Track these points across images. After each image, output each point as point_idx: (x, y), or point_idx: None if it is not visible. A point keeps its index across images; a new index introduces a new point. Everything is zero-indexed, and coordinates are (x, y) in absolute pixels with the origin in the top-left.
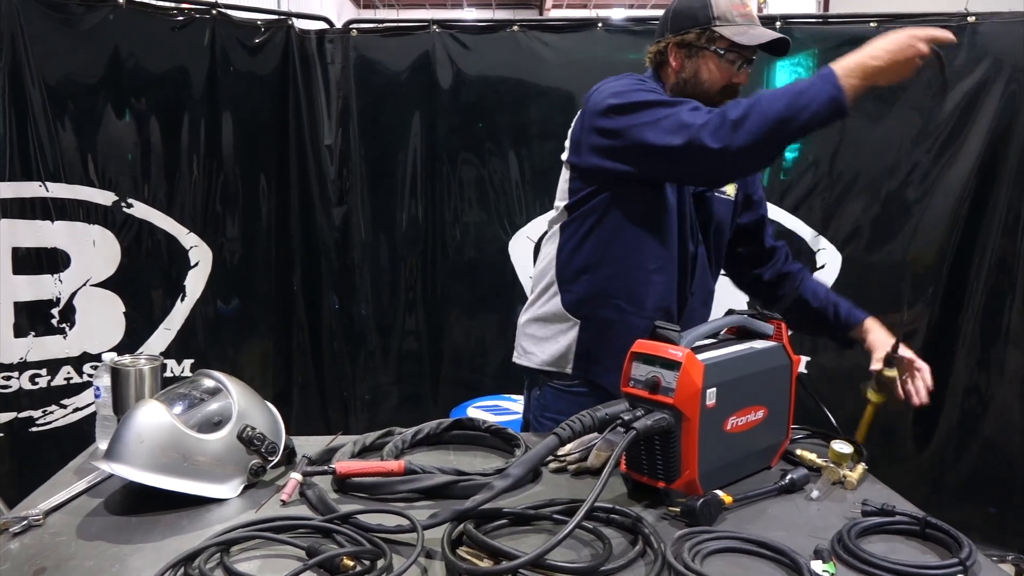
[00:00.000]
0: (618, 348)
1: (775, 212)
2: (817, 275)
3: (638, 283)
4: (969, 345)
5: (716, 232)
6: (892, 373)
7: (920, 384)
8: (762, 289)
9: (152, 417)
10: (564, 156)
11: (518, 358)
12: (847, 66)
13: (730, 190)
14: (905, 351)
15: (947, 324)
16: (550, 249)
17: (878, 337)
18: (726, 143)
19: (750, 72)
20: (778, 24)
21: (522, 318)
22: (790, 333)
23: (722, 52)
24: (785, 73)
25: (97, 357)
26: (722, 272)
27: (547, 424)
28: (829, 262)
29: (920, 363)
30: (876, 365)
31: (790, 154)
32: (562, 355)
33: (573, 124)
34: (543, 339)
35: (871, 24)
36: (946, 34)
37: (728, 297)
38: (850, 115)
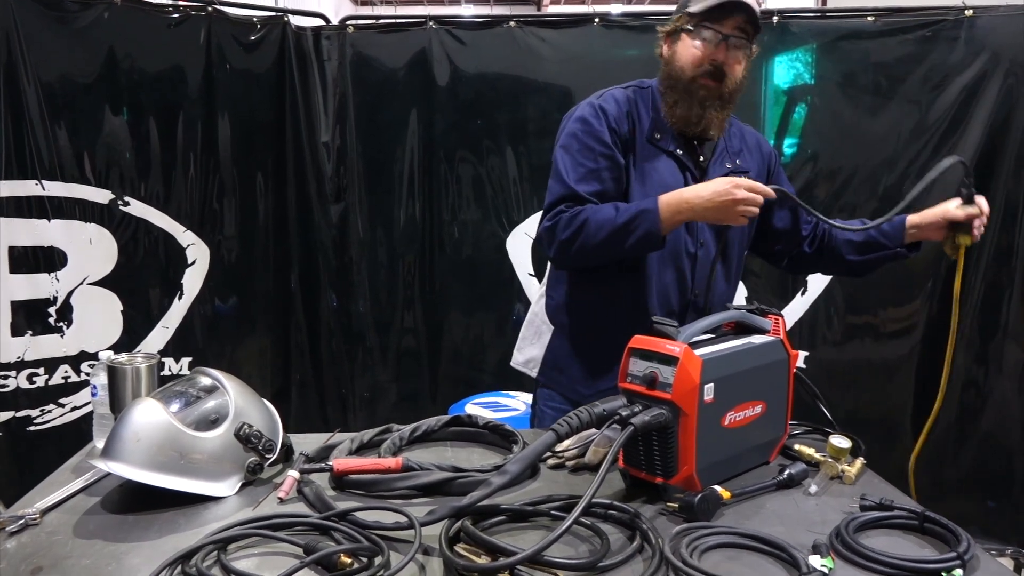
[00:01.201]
0: (583, 359)
1: None
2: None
3: (610, 298)
4: (967, 340)
5: (734, 230)
6: (966, 239)
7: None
8: (811, 261)
9: (149, 415)
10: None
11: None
12: (670, 203)
13: None
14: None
15: (945, 319)
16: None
17: (928, 214)
18: (557, 256)
19: (744, 62)
20: (775, 19)
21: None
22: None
23: (691, 28)
24: (784, 68)
25: (95, 356)
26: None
27: (552, 415)
28: None
29: (980, 200)
30: (957, 213)
31: (788, 149)
32: (533, 358)
33: None
34: (526, 338)
35: (868, 18)
36: (767, 190)
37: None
38: (663, 248)
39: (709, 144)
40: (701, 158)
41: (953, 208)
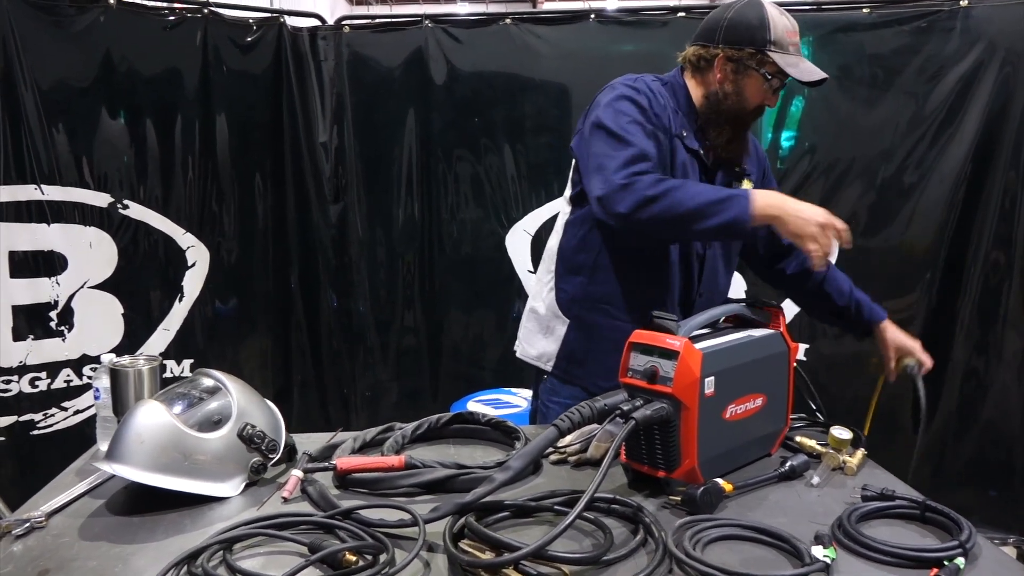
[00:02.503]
0: (602, 352)
1: None
2: None
3: (629, 292)
4: (967, 329)
5: None
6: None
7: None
8: (786, 282)
9: (152, 417)
10: (573, 143)
11: (516, 347)
12: (766, 197)
13: (747, 186)
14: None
15: (945, 309)
16: (554, 243)
17: (894, 337)
18: (631, 212)
19: None
20: None
21: (526, 308)
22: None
23: (769, 77)
24: None
25: (96, 359)
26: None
27: (556, 410)
28: None
29: (926, 361)
30: (891, 365)
31: (786, 142)
32: (546, 352)
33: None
34: (533, 332)
35: (864, 10)
36: (845, 236)
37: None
38: (748, 239)
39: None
40: (709, 160)
41: (888, 358)
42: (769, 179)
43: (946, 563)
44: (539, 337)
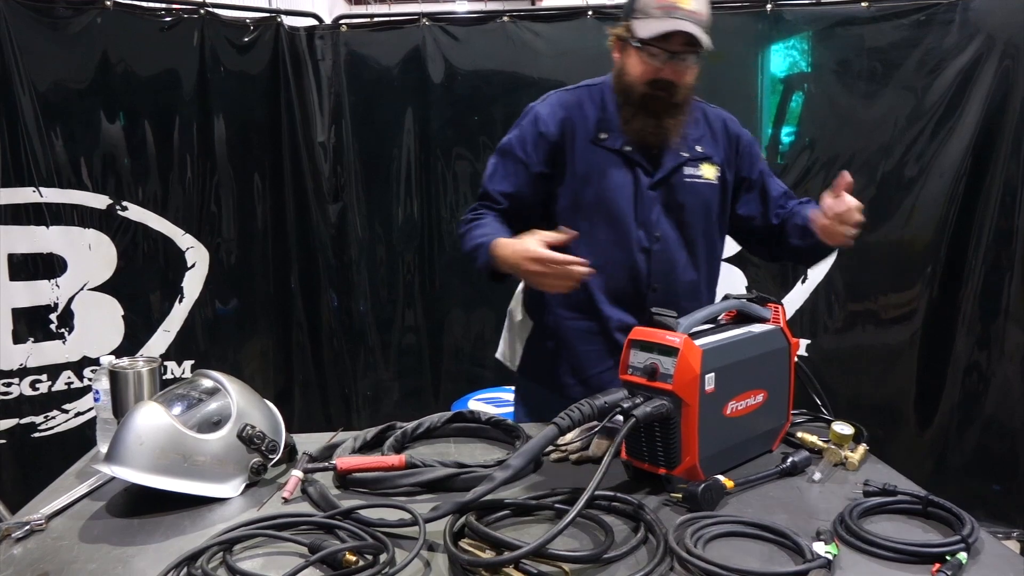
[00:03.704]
0: (556, 354)
1: None
2: None
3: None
4: (969, 323)
5: (696, 217)
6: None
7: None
8: (782, 245)
9: (151, 419)
10: None
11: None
12: (499, 251)
13: (709, 173)
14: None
15: (946, 302)
16: None
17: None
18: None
19: (694, 68)
20: (769, 7)
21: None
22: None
23: (638, 46)
24: (779, 57)
25: (97, 361)
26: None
27: (523, 408)
28: None
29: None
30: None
31: (786, 137)
32: (512, 351)
33: None
34: (506, 330)
35: (862, 4)
36: (571, 271)
37: (728, 285)
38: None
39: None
40: (654, 150)
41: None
42: (750, 160)
43: (948, 558)
44: (508, 335)
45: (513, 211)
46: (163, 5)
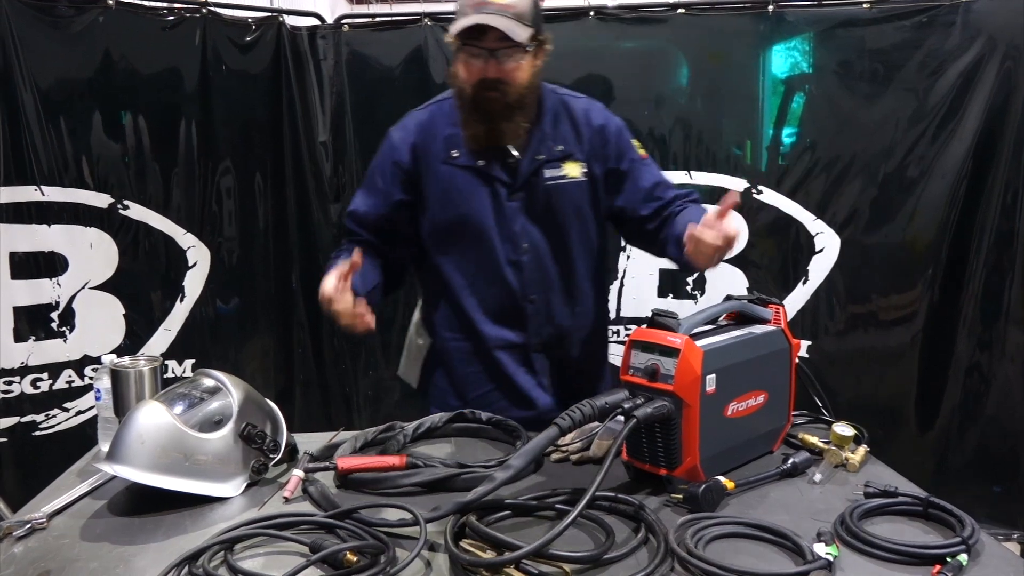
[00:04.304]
0: (444, 376)
1: (773, 197)
2: (816, 259)
3: (444, 310)
4: (970, 325)
5: (567, 219)
6: None
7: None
8: (645, 239)
9: (152, 418)
10: None
11: None
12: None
13: (574, 171)
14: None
15: (948, 304)
16: None
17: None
18: None
19: (524, 64)
20: (770, 8)
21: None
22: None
23: (456, 46)
24: (780, 58)
25: (98, 360)
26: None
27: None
28: (828, 245)
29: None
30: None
31: (787, 139)
32: (411, 371)
33: None
34: (406, 349)
35: (864, 5)
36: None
37: (729, 286)
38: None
39: (519, 141)
40: (510, 159)
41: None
42: (618, 149)
43: (949, 560)
44: (405, 355)
45: (384, 240)
46: (165, 4)
